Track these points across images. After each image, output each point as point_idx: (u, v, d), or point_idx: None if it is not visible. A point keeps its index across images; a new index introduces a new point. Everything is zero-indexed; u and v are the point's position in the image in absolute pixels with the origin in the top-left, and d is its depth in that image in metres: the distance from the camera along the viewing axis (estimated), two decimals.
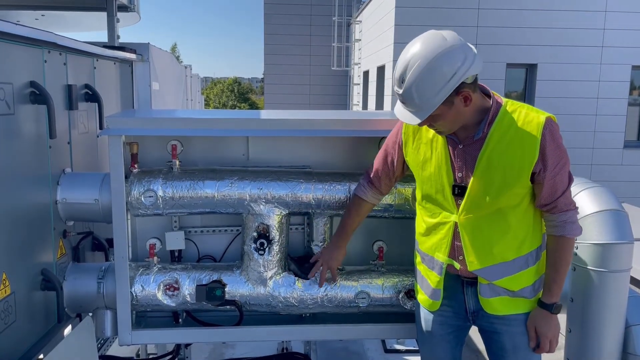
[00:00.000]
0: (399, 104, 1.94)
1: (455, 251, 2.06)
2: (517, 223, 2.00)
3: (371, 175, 2.29)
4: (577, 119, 11.57)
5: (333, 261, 2.40)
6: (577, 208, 2.03)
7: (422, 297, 2.22)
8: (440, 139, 2.04)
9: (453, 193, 2.01)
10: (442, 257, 2.08)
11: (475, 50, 1.85)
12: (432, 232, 2.11)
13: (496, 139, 1.93)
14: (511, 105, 1.96)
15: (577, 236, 2.04)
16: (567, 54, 11.62)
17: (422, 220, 2.16)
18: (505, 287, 2.03)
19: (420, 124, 1.92)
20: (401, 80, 1.84)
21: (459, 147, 1.99)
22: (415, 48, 1.82)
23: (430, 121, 1.91)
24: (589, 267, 2.35)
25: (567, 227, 1.99)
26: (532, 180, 1.94)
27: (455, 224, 2.03)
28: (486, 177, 1.94)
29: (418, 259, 2.23)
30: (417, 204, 2.21)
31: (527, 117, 1.92)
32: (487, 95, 1.99)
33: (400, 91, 1.86)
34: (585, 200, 2.42)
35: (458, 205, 2.01)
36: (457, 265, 2.05)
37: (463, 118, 1.92)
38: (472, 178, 1.96)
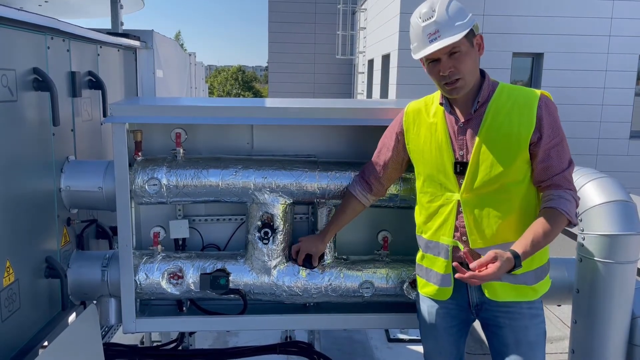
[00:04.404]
0: (420, 46, 1.94)
1: (459, 232, 2.06)
2: (520, 202, 2.00)
3: (366, 173, 2.31)
4: (583, 108, 11.51)
5: (307, 249, 2.39)
6: (576, 192, 1.99)
7: (429, 289, 2.19)
8: (439, 121, 2.07)
9: (455, 171, 2.03)
10: (447, 239, 2.08)
11: None
12: (434, 217, 2.11)
13: (494, 111, 1.98)
14: (507, 85, 2.05)
15: (570, 216, 1.92)
16: (574, 43, 11.53)
17: (423, 208, 2.17)
18: None
19: (449, 63, 1.93)
20: (432, 10, 1.92)
21: (459, 125, 2.03)
22: None
23: (456, 62, 1.92)
24: (595, 259, 2.34)
25: (562, 201, 1.92)
26: (530, 152, 1.96)
27: (458, 203, 2.03)
28: (486, 150, 1.96)
29: (420, 255, 2.23)
30: (417, 193, 2.20)
31: (524, 91, 2.03)
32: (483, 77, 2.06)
33: (434, 17, 1.90)
34: (593, 191, 2.40)
35: (460, 184, 2.03)
36: (462, 247, 2.05)
37: (475, 72, 1.99)
38: (472, 152, 1.99)
